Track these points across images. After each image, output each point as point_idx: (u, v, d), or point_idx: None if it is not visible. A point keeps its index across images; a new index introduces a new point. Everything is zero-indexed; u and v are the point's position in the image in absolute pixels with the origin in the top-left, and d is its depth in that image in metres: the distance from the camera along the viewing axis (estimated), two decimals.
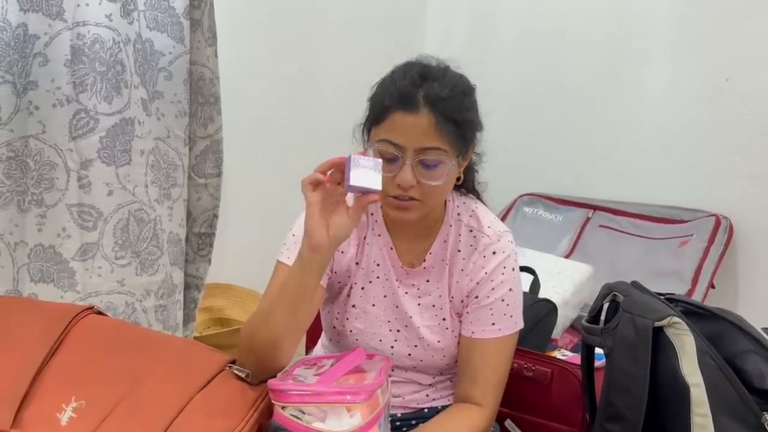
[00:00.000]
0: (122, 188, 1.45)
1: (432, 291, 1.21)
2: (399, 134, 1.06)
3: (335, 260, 1.19)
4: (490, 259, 1.18)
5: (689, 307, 1.27)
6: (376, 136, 1.09)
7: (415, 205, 1.10)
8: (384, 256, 1.20)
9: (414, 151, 1.06)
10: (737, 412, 1.17)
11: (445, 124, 1.06)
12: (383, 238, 1.21)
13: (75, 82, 1.37)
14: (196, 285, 1.81)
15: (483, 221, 1.20)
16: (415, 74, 1.08)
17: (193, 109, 1.67)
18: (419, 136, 1.05)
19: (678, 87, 2.32)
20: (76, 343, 0.93)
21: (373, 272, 1.21)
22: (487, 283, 1.17)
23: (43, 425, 0.79)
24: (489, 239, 1.18)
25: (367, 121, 1.14)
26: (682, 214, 2.29)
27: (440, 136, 1.06)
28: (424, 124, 1.05)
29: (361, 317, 1.22)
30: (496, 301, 1.17)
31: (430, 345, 1.21)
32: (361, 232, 1.21)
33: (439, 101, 1.06)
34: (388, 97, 1.07)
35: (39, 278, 1.38)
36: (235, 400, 0.92)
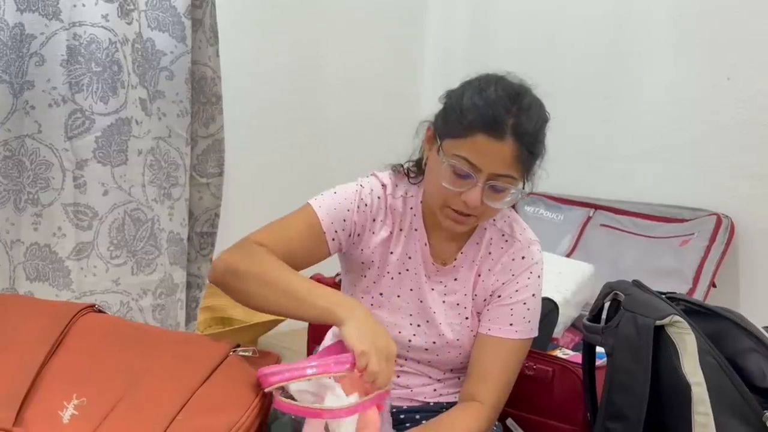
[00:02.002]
0: (118, 188, 1.46)
1: (458, 290, 1.23)
2: (479, 157, 1.07)
3: (363, 239, 1.21)
4: (518, 263, 1.21)
5: (690, 306, 1.27)
6: (452, 150, 1.09)
7: (470, 220, 1.13)
8: (417, 251, 1.22)
9: (488, 176, 1.08)
10: (738, 410, 1.17)
11: (525, 155, 1.08)
12: (419, 233, 1.22)
13: (71, 82, 1.38)
14: (197, 284, 1.82)
15: (516, 228, 1.24)
16: (505, 96, 1.08)
17: (195, 108, 1.68)
18: (499, 163, 1.07)
19: (679, 86, 2.32)
20: (76, 341, 0.93)
21: (404, 264, 1.22)
22: (512, 284, 1.20)
23: (45, 423, 0.79)
24: (520, 244, 1.22)
25: (441, 128, 1.13)
26: (684, 213, 2.29)
27: (517, 166, 1.08)
28: (507, 153, 1.07)
29: (386, 306, 1.23)
30: (517, 303, 1.20)
31: (449, 342, 1.23)
32: (397, 220, 1.22)
33: (525, 134, 1.07)
34: (477, 117, 1.07)
35: (35, 277, 1.39)
36: (239, 390, 0.92)
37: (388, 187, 1.22)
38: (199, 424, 0.84)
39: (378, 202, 1.21)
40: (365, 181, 1.22)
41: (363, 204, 1.19)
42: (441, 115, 1.15)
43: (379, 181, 1.23)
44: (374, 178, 1.24)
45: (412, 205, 1.23)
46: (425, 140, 1.19)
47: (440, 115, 1.15)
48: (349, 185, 1.21)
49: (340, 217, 1.18)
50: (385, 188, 1.22)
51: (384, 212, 1.21)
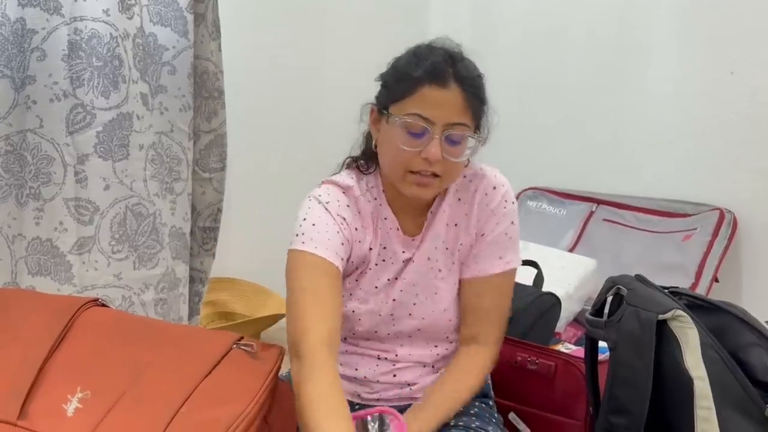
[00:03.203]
0: (119, 183, 1.46)
1: (425, 244, 1.21)
2: (430, 109, 1.08)
3: (354, 251, 1.19)
4: (492, 196, 1.21)
5: (693, 301, 1.27)
6: (402, 110, 1.10)
7: (435, 182, 1.12)
8: (391, 238, 1.22)
9: (443, 126, 1.09)
10: (741, 404, 1.17)
11: (472, 101, 1.10)
12: (390, 220, 1.22)
13: (72, 77, 1.38)
14: (200, 279, 1.82)
15: (474, 165, 1.23)
16: (443, 53, 1.12)
17: (197, 103, 1.68)
18: (450, 112, 1.09)
19: (682, 81, 2.31)
20: (80, 334, 0.93)
21: (379, 255, 1.22)
22: (491, 218, 1.21)
23: (49, 416, 0.79)
24: (487, 178, 1.21)
25: (384, 98, 1.15)
26: (686, 208, 2.29)
27: (467, 113, 1.10)
28: (455, 100, 1.09)
29: (364, 299, 1.22)
30: (500, 234, 1.20)
31: (428, 299, 1.22)
32: (375, 219, 1.21)
33: (467, 79, 1.10)
34: (420, 71, 1.09)
35: (36, 271, 1.39)
36: (243, 383, 0.92)
37: (355, 190, 1.19)
38: (202, 417, 0.84)
39: (349, 210, 1.18)
40: (325, 194, 1.17)
41: (341, 219, 1.16)
42: (381, 90, 1.17)
43: (338, 187, 1.19)
44: (332, 186, 1.19)
45: (376, 195, 1.22)
46: (371, 123, 1.19)
47: (380, 90, 1.17)
48: (315, 209, 1.15)
49: (338, 243, 1.14)
50: (349, 191, 1.19)
51: (360, 217, 1.19)
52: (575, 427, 1.49)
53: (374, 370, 1.25)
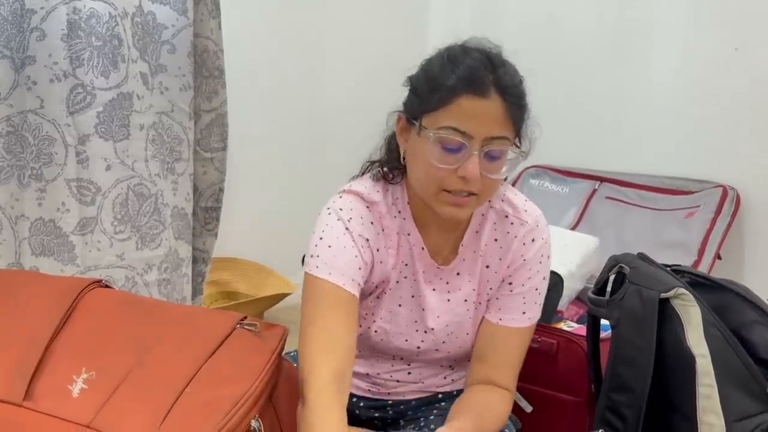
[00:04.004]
0: (121, 163, 1.45)
1: (463, 284, 1.15)
2: (468, 122, 0.97)
3: (374, 272, 1.10)
4: (529, 247, 1.12)
5: (695, 279, 1.27)
6: (436, 123, 0.99)
7: (471, 201, 1.02)
8: (413, 256, 1.13)
9: (483, 141, 0.98)
10: (743, 382, 1.18)
11: (513, 111, 0.99)
12: (413, 237, 1.11)
13: (72, 56, 1.37)
14: (203, 259, 1.82)
15: (518, 205, 1.14)
16: (480, 57, 1.01)
17: (198, 82, 1.66)
18: (490, 125, 0.98)
19: (686, 57, 2.29)
20: (84, 315, 0.94)
21: (401, 272, 1.13)
22: (523, 271, 1.13)
23: (55, 397, 0.79)
24: (529, 226, 1.12)
25: (415, 107, 1.03)
26: (689, 186, 2.28)
27: (508, 125, 0.99)
28: (496, 112, 0.98)
29: (387, 317, 1.15)
30: (530, 290, 1.13)
31: (458, 338, 1.17)
32: (394, 233, 1.11)
33: (508, 87, 0.99)
34: (455, 79, 0.98)
35: (40, 252, 1.39)
36: (247, 362, 0.92)
37: (380, 205, 1.09)
38: (207, 397, 0.84)
39: (373, 228, 1.08)
40: (347, 209, 1.07)
41: (363, 240, 1.06)
42: (411, 97, 1.05)
43: (363, 201, 1.09)
44: (355, 199, 1.09)
45: (400, 208, 1.11)
46: (398, 132, 1.07)
47: (410, 97, 1.06)
48: (334, 227, 1.05)
49: (356, 267, 1.04)
50: (374, 207, 1.09)
51: (382, 236, 1.10)
52: (577, 405, 1.50)
53: (387, 370, 1.22)
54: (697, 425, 1.14)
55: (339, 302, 1.02)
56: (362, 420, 1.27)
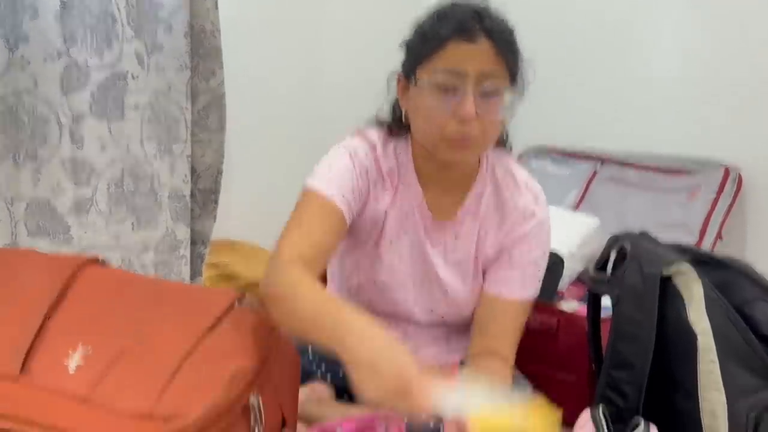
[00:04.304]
0: (115, 143, 1.45)
1: (459, 248, 1.18)
2: (459, 61, 1.03)
3: (368, 206, 1.16)
4: (529, 219, 1.16)
5: (698, 256, 1.26)
6: (429, 69, 1.05)
7: (472, 143, 1.06)
8: (413, 209, 1.17)
9: (476, 77, 1.03)
10: (745, 359, 1.17)
11: (504, 51, 1.05)
12: (414, 189, 1.17)
13: (65, 35, 1.36)
14: (202, 241, 1.82)
15: (519, 179, 1.19)
16: (469, 9, 1.06)
17: (194, 62, 1.65)
18: (481, 62, 1.03)
19: (688, 34, 2.27)
20: (81, 291, 0.93)
21: (402, 225, 1.18)
22: (524, 243, 1.16)
23: (51, 372, 0.79)
24: (527, 199, 1.17)
25: (411, 63, 1.09)
26: (691, 166, 2.26)
27: (499, 63, 1.04)
28: (486, 53, 1.03)
29: (387, 270, 1.19)
30: (529, 263, 1.16)
31: (455, 300, 1.20)
32: (394, 180, 1.17)
33: (496, 32, 1.05)
34: (445, 28, 1.04)
35: (36, 233, 1.39)
36: (246, 338, 0.91)
37: (378, 148, 1.16)
38: (205, 372, 0.84)
39: (375, 165, 1.15)
40: (356, 144, 1.15)
41: (364, 169, 1.13)
42: (406, 56, 1.11)
43: (367, 141, 1.16)
44: (362, 139, 1.16)
45: (402, 160, 1.17)
46: (399, 93, 1.14)
47: (405, 57, 1.12)
48: (338, 153, 1.13)
49: (350, 188, 1.11)
50: (374, 149, 1.15)
51: (380, 176, 1.16)
52: (577, 383, 1.49)
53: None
54: (698, 401, 1.14)
55: (323, 210, 1.07)
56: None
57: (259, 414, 0.86)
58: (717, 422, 1.14)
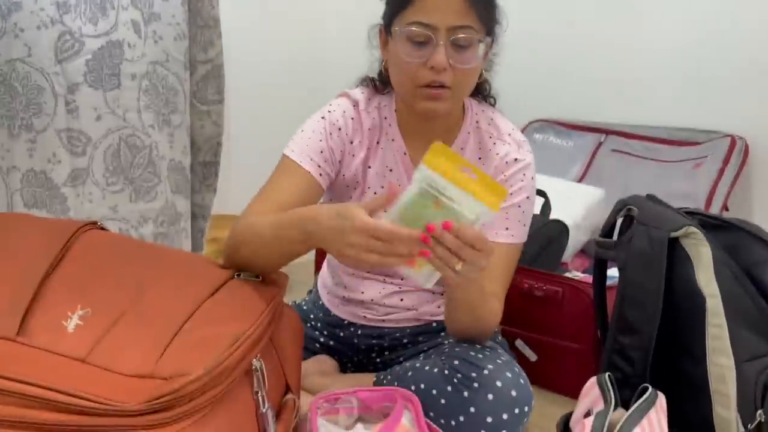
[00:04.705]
0: (111, 113, 1.42)
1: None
2: (431, 13, 1.03)
3: (344, 163, 1.17)
4: (511, 165, 1.16)
5: (706, 219, 1.24)
6: (403, 21, 1.06)
7: (446, 93, 1.07)
8: (397, 161, 1.19)
9: (447, 31, 1.03)
10: (753, 322, 1.16)
11: (476, 4, 1.04)
12: (397, 142, 1.18)
13: (58, 2, 1.33)
14: (202, 215, 1.80)
15: (503, 129, 1.19)
16: None
17: (192, 32, 1.62)
18: (451, 14, 1.03)
19: (692, 3, 2.23)
20: (80, 254, 0.91)
21: (385, 177, 1.19)
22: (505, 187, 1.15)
23: (49, 332, 0.77)
24: (509, 146, 1.17)
25: (388, 14, 1.10)
26: (697, 136, 2.24)
27: (472, 14, 1.04)
28: (457, 2, 1.03)
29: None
30: (512, 206, 1.16)
31: None
32: (374, 135, 1.18)
33: None
34: None
35: (32, 204, 1.37)
36: (246, 303, 0.91)
37: (360, 103, 1.18)
38: (206, 333, 0.82)
39: (352, 123, 1.16)
40: (335, 104, 1.18)
41: (335, 128, 1.15)
42: (385, 8, 1.12)
43: (350, 100, 1.18)
44: (344, 98, 1.19)
45: (386, 114, 1.19)
46: (381, 46, 1.15)
47: (385, 9, 1.13)
48: (314, 116, 1.17)
49: (317, 150, 1.14)
50: (357, 106, 1.18)
51: (360, 132, 1.17)
52: (582, 352, 1.48)
53: (380, 293, 1.24)
54: (706, 366, 1.12)
55: (291, 174, 1.12)
56: (361, 348, 1.29)
57: (263, 377, 0.85)
58: (726, 386, 1.13)
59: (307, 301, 1.42)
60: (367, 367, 1.30)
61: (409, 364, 1.15)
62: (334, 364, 1.32)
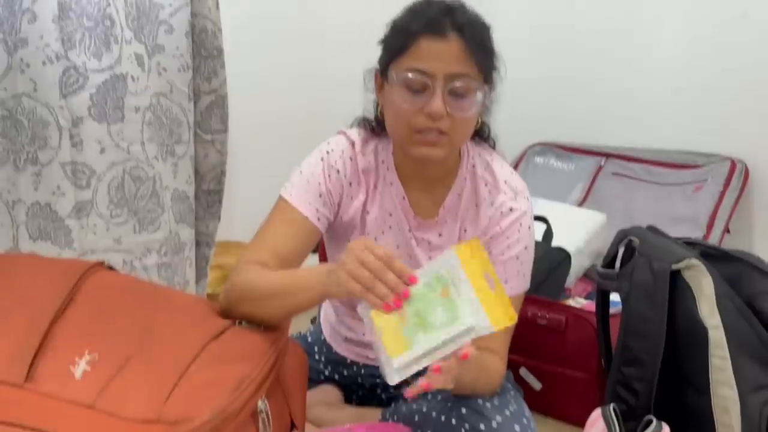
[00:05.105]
0: (115, 146, 1.43)
1: (443, 245, 1.17)
2: (428, 61, 1.02)
3: (343, 206, 1.16)
4: (506, 216, 1.14)
5: (706, 250, 1.25)
6: (400, 67, 1.04)
7: (443, 139, 1.05)
8: (396, 206, 1.17)
9: (444, 78, 1.02)
10: (757, 354, 1.16)
11: (474, 49, 1.03)
12: (395, 187, 1.17)
13: (63, 38, 1.35)
14: (206, 242, 1.80)
15: (499, 175, 1.16)
16: (440, 6, 1.06)
17: (196, 63, 1.64)
18: (450, 62, 1.02)
19: (692, 25, 2.24)
20: (87, 297, 0.92)
21: (385, 222, 1.17)
22: (501, 240, 1.14)
23: (57, 378, 0.78)
24: (505, 195, 1.15)
25: (385, 59, 1.09)
26: (697, 159, 2.25)
27: (470, 62, 1.03)
28: (454, 49, 1.02)
29: None
30: (510, 259, 1.14)
31: None
32: (370, 178, 1.17)
33: (467, 27, 1.04)
34: (415, 25, 1.04)
35: (38, 236, 1.38)
36: (251, 345, 0.91)
37: (356, 145, 1.16)
38: (211, 376, 0.83)
39: (351, 164, 1.15)
40: (333, 143, 1.16)
41: (334, 171, 1.13)
42: (382, 53, 1.11)
43: (347, 139, 1.16)
44: (342, 136, 1.17)
45: (383, 158, 1.17)
46: (376, 90, 1.14)
47: (381, 53, 1.11)
48: (313, 156, 1.15)
49: (316, 194, 1.12)
50: (353, 147, 1.16)
51: (357, 174, 1.16)
52: (586, 381, 1.48)
53: None
54: (710, 398, 1.13)
55: (287, 218, 1.11)
56: (365, 386, 1.29)
57: (268, 418, 0.85)
58: (730, 418, 1.13)
59: (311, 332, 1.42)
60: (371, 401, 1.29)
61: (416, 406, 1.14)
62: (339, 395, 1.32)
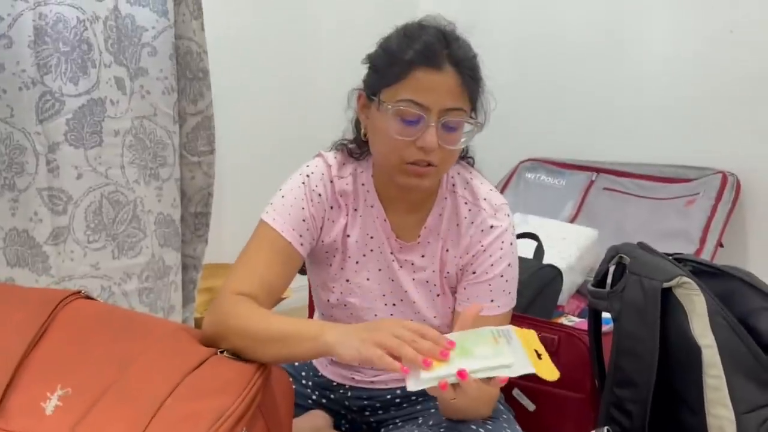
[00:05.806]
0: (93, 171, 1.42)
1: (427, 266, 1.16)
2: (424, 94, 1.02)
3: (324, 230, 1.15)
4: (487, 234, 1.13)
5: (698, 267, 1.23)
6: (394, 96, 1.03)
7: (431, 171, 1.06)
8: (377, 229, 1.16)
9: (439, 113, 1.02)
10: (751, 371, 1.13)
11: (468, 84, 1.04)
12: (376, 209, 1.15)
13: (39, 63, 1.34)
14: (194, 266, 1.78)
15: (479, 193, 1.15)
16: (435, 32, 1.05)
17: (182, 85, 1.63)
18: (445, 96, 1.02)
19: (681, 41, 2.25)
20: (61, 329, 0.89)
21: (366, 245, 1.16)
22: (484, 259, 1.13)
23: (26, 416, 0.75)
24: (485, 213, 1.14)
25: (374, 82, 1.07)
26: (688, 173, 2.24)
27: (463, 96, 1.04)
28: (450, 83, 1.02)
29: (356, 292, 1.17)
30: (495, 277, 1.12)
31: (426, 320, 1.17)
32: (348, 201, 1.16)
33: (463, 61, 1.04)
34: (412, 53, 1.02)
35: (15, 262, 1.36)
36: (232, 375, 0.88)
37: (333, 168, 1.14)
38: (189, 409, 0.80)
39: (330, 187, 1.14)
40: (312, 166, 1.14)
41: (316, 195, 1.12)
42: (370, 74, 1.10)
43: (324, 162, 1.15)
44: (320, 159, 1.16)
45: (363, 181, 1.15)
46: (359, 109, 1.12)
47: (369, 74, 1.10)
48: (294, 180, 1.13)
49: (299, 219, 1.10)
50: (330, 170, 1.14)
51: (336, 198, 1.14)
52: (580, 401, 1.46)
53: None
54: (705, 418, 1.10)
55: (272, 245, 1.09)
56: (353, 409, 1.26)
57: None
58: None
59: None
60: (361, 426, 1.27)
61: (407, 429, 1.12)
62: (328, 420, 1.29)
